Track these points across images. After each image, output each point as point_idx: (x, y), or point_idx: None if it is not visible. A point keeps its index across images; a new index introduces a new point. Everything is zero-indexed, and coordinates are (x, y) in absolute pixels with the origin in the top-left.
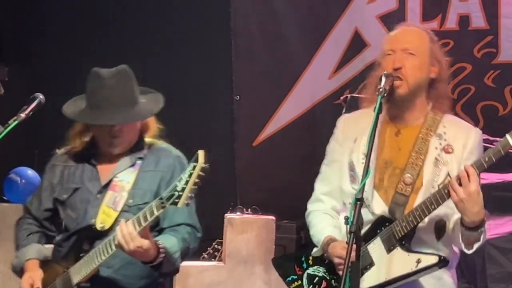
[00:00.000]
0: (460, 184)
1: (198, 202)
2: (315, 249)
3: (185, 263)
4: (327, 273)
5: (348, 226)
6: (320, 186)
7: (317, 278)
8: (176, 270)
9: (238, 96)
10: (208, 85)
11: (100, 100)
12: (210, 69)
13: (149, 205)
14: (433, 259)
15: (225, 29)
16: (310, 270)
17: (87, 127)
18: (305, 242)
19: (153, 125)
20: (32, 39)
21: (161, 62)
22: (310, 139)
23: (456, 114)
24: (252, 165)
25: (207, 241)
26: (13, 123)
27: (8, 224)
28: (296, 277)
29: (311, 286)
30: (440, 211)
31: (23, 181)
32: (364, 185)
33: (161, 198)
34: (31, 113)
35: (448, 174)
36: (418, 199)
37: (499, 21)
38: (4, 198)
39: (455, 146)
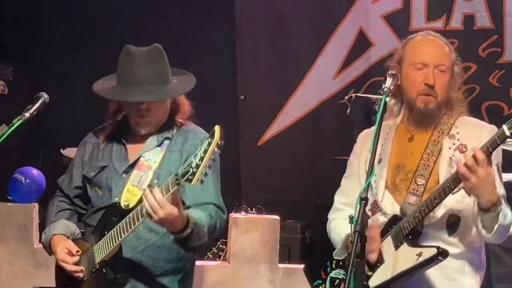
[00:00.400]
0: (470, 170)
1: None
2: (335, 251)
3: None
4: (346, 275)
5: (353, 225)
6: (339, 198)
7: (337, 281)
8: (203, 244)
9: (243, 96)
10: (212, 84)
11: (129, 77)
12: (215, 69)
13: (165, 181)
14: (432, 251)
15: (230, 29)
16: (332, 274)
17: (120, 106)
18: (309, 241)
19: (185, 105)
20: (36, 39)
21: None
22: (315, 138)
23: None
24: (257, 165)
25: (212, 240)
26: (17, 122)
27: (12, 224)
28: (321, 281)
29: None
30: (454, 206)
31: (28, 180)
32: (368, 184)
33: (176, 175)
34: (35, 112)
35: None
36: None
37: (504, 21)
38: (9, 197)
39: (469, 145)
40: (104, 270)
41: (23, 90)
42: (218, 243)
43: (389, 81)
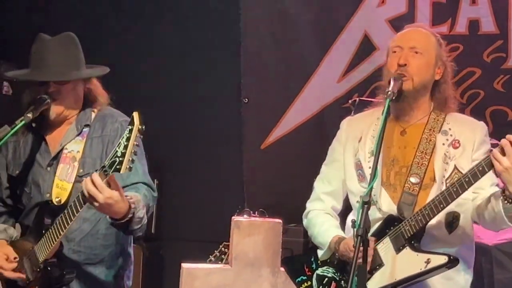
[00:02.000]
0: (503, 154)
1: (205, 204)
2: (319, 252)
3: (191, 265)
4: (336, 274)
5: (355, 229)
6: (320, 186)
7: (326, 279)
8: (143, 227)
9: (247, 99)
10: (216, 87)
11: (39, 60)
12: (219, 72)
13: (91, 174)
14: (443, 259)
15: (234, 32)
16: (319, 271)
17: (32, 96)
18: (312, 245)
19: (102, 95)
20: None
21: (170, 65)
22: (318, 142)
23: None
24: (260, 168)
25: (214, 243)
26: (20, 123)
27: None
28: (305, 277)
29: (320, 286)
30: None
31: None
32: (371, 188)
33: (103, 167)
34: (38, 113)
35: (456, 167)
36: (430, 196)
37: (509, 26)
38: None
39: (463, 140)
40: (49, 268)
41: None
42: (220, 246)
43: (392, 85)
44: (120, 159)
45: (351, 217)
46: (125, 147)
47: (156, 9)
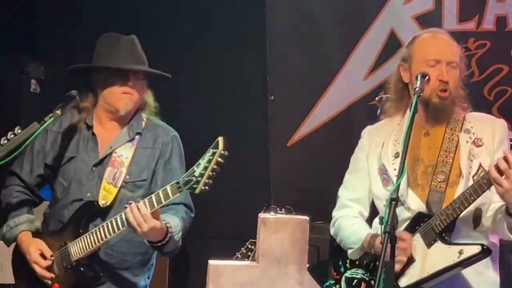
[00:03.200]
0: (501, 174)
1: (232, 202)
2: (350, 251)
3: (218, 262)
4: (366, 274)
5: (383, 226)
6: (345, 193)
7: (356, 280)
8: (177, 249)
9: (273, 97)
10: (242, 85)
11: (116, 53)
12: (245, 69)
13: (163, 188)
14: (476, 249)
15: (260, 29)
16: (348, 273)
17: (88, 85)
18: (337, 245)
19: (151, 100)
20: (68, 38)
21: (197, 63)
22: (345, 139)
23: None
24: (286, 165)
25: (241, 240)
26: (49, 120)
27: None
28: (334, 281)
29: None
30: (478, 200)
31: None
32: (399, 185)
33: (177, 183)
34: (66, 111)
35: (481, 165)
36: (457, 192)
37: None
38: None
39: (484, 138)
40: (82, 268)
41: (54, 88)
42: (247, 243)
43: (419, 82)
44: (198, 179)
45: (377, 219)
46: (205, 168)
47: (182, 9)
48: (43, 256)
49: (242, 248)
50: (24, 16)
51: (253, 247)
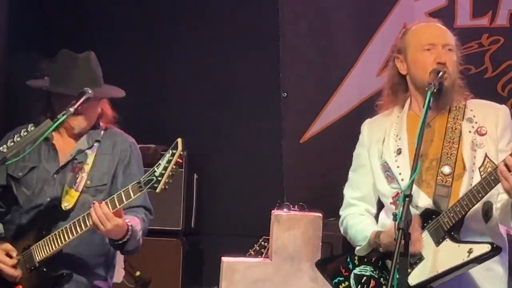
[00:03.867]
0: (509, 170)
1: (245, 198)
2: (358, 248)
3: (231, 259)
4: (375, 272)
5: (397, 222)
6: (350, 192)
7: (365, 278)
8: (138, 248)
9: (286, 93)
10: (255, 81)
11: (71, 76)
12: (258, 66)
13: (125, 188)
14: (486, 248)
15: (273, 26)
16: (356, 270)
17: (50, 104)
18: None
19: (109, 110)
20: (81, 36)
21: (210, 60)
22: (358, 136)
23: None
24: (299, 162)
25: (254, 237)
26: (62, 117)
27: None
28: (342, 278)
29: (359, 286)
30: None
31: None
32: (413, 181)
33: (138, 182)
34: (79, 107)
35: (486, 155)
36: (462, 186)
37: None
38: None
39: (488, 126)
40: (44, 269)
41: None
42: (260, 240)
43: (433, 77)
44: (158, 178)
45: (382, 214)
46: (165, 168)
47: (194, 6)
48: (8, 255)
49: (255, 245)
50: (36, 14)
51: (266, 244)
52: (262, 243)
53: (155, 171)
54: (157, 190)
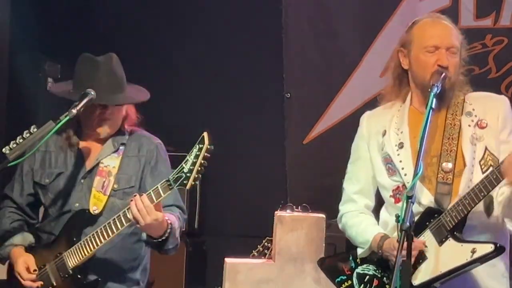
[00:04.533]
0: None
1: (248, 199)
2: (359, 250)
3: (235, 260)
4: (377, 271)
5: (399, 224)
6: (349, 186)
7: (367, 277)
8: (177, 246)
9: (289, 94)
10: (259, 82)
11: (94, 83)
12: (261, 67)
13: (153, 188)
14: (489, 248)
15: (276, 27)
16: (359, 269)
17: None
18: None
19: (133, 113)
20: (84, 37)
21: (213, 61)
22: None
23: None
24: (302, 163)
25: (257, 238)
26: (64, 118)
27: None
28: (345, 277)
29: (362, 285)
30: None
31: None
32: (415, 182)
33: (168, 180)
34: (82, 109)
35: (487, 149)
36: (462, 182)
37: None
38: None
39: (488, 119)
40: (79, 276)
41: None
42: (264, 241)
43: (436, 78)
44: (187, 175)
45: (383, 211)
46: (193, 164)
47: (198, 7)
48: (28, 270)
49: (258, 246)
50: (40, 15)
51: (269, 244)
52: (265, 244)
53: (183, 167)
54: (187, 187)
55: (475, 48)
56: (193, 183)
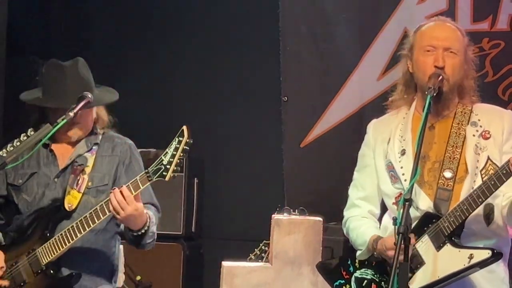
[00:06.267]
0: None
1: (246, 203)
2: (358, 252)
3: (231, 264)
4: (375, 275)
5: (396, 226)
6: (354, 192)
7: (366, 281)
8: (154, 241)
9: (286, 97)
10: (256, 86)
11: (61, 87)
12: (258, 70)
13: (132, 180)
14: (486, 254)
15: (273, 30)
16: (357, 274)
17: (44, 115)
18: (351, 245)
19: (105, 115)
20: (81, 40)
21: (210, 63)
22: (359, 140)
23: None
24: (300, 166)
25: (254, 242)
26: (61, 122)
27: None
28: (344, 281)
29: None
30: None
31: None
32: (413, 185)
33: (147, 172)
34: (79, 112)
35: (489, 158)
36: (464, 189)
37: None
38: None
39: (492, 130)
40: (52, 271)
41: None
42: (261, 244)
43: (433, 81)
44: (167, 166)
45: (386, 216)
46: (172, 156)
47: (195, 9)
48: None
49: (256, 249)
50: (36, 19)
51: (266, 248)
52: (263, 247)
53: (162, 159)
54: (166, 179)
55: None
56: (172, 175)
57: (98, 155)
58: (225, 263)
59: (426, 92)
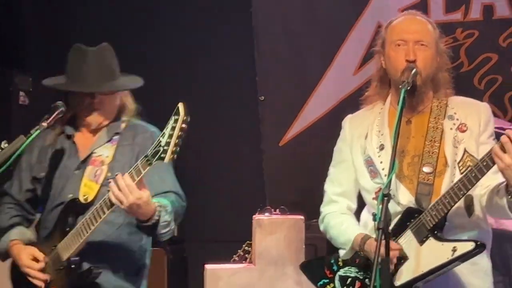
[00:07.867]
0: (504, 151)
1: (227, 204)
2: (342, 251)
3: (215, 266)
4: (359, 273)
5: (376, 222)
6: (331, 188)
7: (350, 279)
8: (171, 231)
9: (263, 97)
10: (232, 86)
11: (82, 72)
12: (234, 70)
13: (134, 166)
14: (469, 246)
15: (247, 30)
16: (341, 272)
17: (67, 102)
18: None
19: (131, 104)
20: (55, 49)
21: (185, 64)
22: (337, 136)
23: None
24: (280, 165)
25: (237, 243)
26: (35, 132)
27: None
28: (327, 280)
29: (344, 287)
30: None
31: None
32: (390, 180)
33: (146, 156)
34: (52, 122)
35: (466, 151)
36: (444, 183)
37: None
38: None
39: (469, 123)
40: (72, 266)
41: (43, 100)
42: (244, 245)
43: (406, 74)
44: (165, 148)
45: (364, 213)
46: (170, 136)
47: (169, 10)
48: (35, 260)
49: (239, 251)
50: (11, 29)
51: (249, 249)
52: (246, 248)
53: (160, 141)
54: (166, 160)
55: (446, 42)
56: (171, 156)
57: (119, 145)
58: (208, 266)
59: (400, 86)
